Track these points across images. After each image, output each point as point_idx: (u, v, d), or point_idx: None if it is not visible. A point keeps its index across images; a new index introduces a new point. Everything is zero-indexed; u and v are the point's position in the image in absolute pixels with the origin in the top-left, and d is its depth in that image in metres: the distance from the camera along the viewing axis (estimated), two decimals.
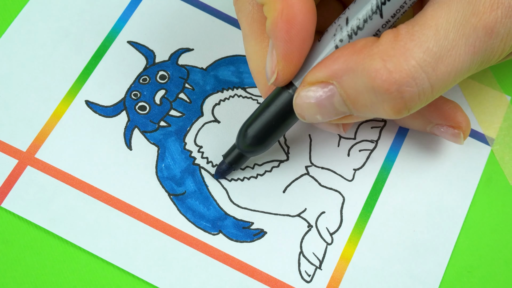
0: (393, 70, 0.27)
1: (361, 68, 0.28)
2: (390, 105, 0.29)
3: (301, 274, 0.36)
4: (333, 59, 0.29)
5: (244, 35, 0.34)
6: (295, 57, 0.30)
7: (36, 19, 0.41)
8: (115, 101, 0.39)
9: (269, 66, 0.31)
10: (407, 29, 0.28)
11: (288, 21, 0.29)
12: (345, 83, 0.29)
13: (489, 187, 0.39)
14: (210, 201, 0.37)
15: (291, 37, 0.30)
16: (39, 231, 0.36)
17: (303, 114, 0.31)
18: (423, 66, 0.27)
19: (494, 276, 0.37)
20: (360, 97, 0.29)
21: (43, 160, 0.38)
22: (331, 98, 0.30)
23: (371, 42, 0.28)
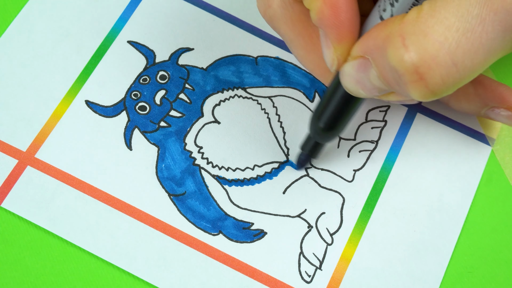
0: (412, 49, 0.26)
1: (385, 45, 0.27)
2: (412, 87, 0.27)
3: (301, 275, 0.36)
4: (369, 35, 0.29)
5: (290, 40, 0.34)
6: (349, 39, 0.30)
7: (36, 18, 0.40)
8: (115, 101, 0.39)
9: (327, 55, 0.31)
10: (430, 5, 0.26)
11: (333, 6, 0.29)
12: (376, 60, 0.28)
13: (490, 187, 0.39)
14: (210, 202, 0.37)
15: (340, 20, 0.29)
16: (39, 231, 0.36)
17: (349, 89, 0.31)
18: (444, 44, 0.26)
19: (495, 277, 0.37)
20: (389, 74, 0.28)
21: (43, 160, 0.37)
22: (367, 72, 0.29)
23: (399, 19, 0.27)
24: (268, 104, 0.40)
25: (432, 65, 0.26)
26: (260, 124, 0.39)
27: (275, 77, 0.40)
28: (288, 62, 0.41)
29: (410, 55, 0.26)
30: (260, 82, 0.40)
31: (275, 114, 0.39)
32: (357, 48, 0.30)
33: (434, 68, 0.26)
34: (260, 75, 0.40)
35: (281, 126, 0.39)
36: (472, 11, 0.26)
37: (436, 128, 0.40)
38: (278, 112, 0.40)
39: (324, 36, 0.30)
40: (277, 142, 0.39)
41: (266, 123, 0.39)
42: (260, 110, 0.39)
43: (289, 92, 0.40)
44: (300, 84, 0.40)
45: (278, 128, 0.39)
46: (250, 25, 0.41)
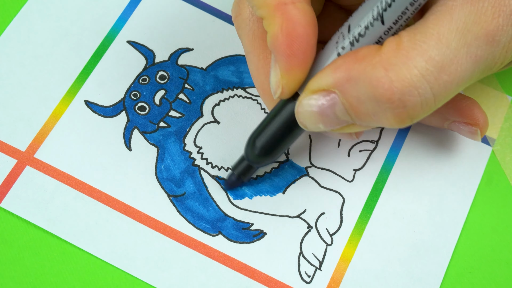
0: (395, 79, 0.27)
1: (363, 77, 0.28)
2: (392, 114, 0.28)
3: (301, 275, 0.36)
4: (335, 67, 0.29)
5: (247, 52, 0.34)
6: (298, 71, 0.30)
7: (35, 18, 0.40)
8: (114, 101, 0.39)
9: (274, 81, 0.31)
10: (409, 37, 0.28)
11: (288, 35, 0.29)
12: (347, 92, 0.29)
13: (490, 187, 0.39)
14: (209, 202, 0.37)
15: (292, 51, 0.29)
16: (38, 231, 0.36)
17: (305, 123, 0.31)
18: (425, 75, 0.27)
19: (495, 277, 0.37)
20: (362, 106, 0.28)
21: (42, 160, 0.37)
22: (333, 106, 0.29)
23: (374, 51, 0.28)
24: None
25: (415, 94, 0.27)
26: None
27: None
28: None
29: (395, 85, 0.27)
30: None
31: None
32: (321, 81, 0.29)
33: (416, 97, 0.27)
34: None
35: None
36: (450, 44, 0.27)
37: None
38: None
39: (274, 61, 0.30)
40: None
41: None
42: (260, 110, 0.39)
43: None
44: None
45: None
46: None
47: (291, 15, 0.29)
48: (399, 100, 0.27)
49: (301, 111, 0.31)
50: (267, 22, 0.30)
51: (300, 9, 0.29)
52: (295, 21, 0.29)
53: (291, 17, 0.29)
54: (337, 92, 0.29)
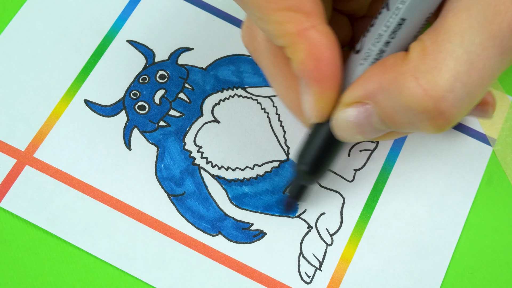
0: (428, 88, 0.26)
1: (394, 87, 0.27)
2: (430, 123, 0.28)
3: (301, 275, 0.36)
4: (366, 78, 0.29)
5: (269, 74, 0.33)
6: (331, 92, 0.30)
7: (35, 17, 0.40)
8: (114, 101, 0.39)
9: (308, 107, 0.30)
10: (432, 40, 0.27)
11: (316, 60, 0.28)
12: (381, 103, 0.28)
13: (491, 187, 0.39)
14: (209, 202, 0.37)
15: (323, 75, 0.29)
16: (37, 231, 0.36)
17: (343, 136, 0.31)
18: (457, 77, 0.26)
19: (495, 278, 0.37)
20: (398, 116, 0.28)
21: (41, 159, 0.37)
22: (369, 117, 0.29)
23: (401, 59, 0.28)
24: (268, 103, 0.40)
25: (450, 98, 0.27)
26: (260, 123, 0.39)
27: None
28: None
29: (429, 93, 0.26)
30: (260, 82, 0.40)
31: (275, 113, 0.39)
32: (354, 93, 0.29)
33: (452, 102, 0.27)
34: (260, 75, 0.40)
35: (281, 125, 0.39)
36: (474, 40, 0.26)
37: None
38: (278, 112, 0.39)
39: (305, 87, 0.30)
40: (277, 141, 0.39)
41: (266, 122, 0.39)
42: (260, 110, 0.39)
43: None
44: None
45: (278, 127, 0.39)
46: None
47: (315, 40, 0.28)
48: (435, 108, 0.27)
49: (337, 125, 0.30)
50: (290, 50, 0.29)
51: (321, 31, 0.28)
52: (320, 45, 0.28)
53: (315, 42, 0.28)
54: (371, 103, 0.29)
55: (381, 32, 0.28)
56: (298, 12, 0.28)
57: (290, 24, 0.28)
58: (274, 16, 0.28)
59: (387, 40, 0.28)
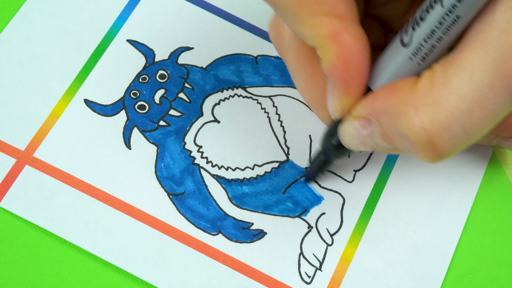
0: (426, 121, 0.27)
1: (395, 112, 0.28)
2: (422, 153, 0.28)
3: (301, 275, 0.36)
4: (375, 97, 0.29)
5: (292, 70, 0.34)
6: (356, 92, 0.30)
7: (35, 17, 0.40)
8: (114, 100, 0.39)
9: (332, 104, 0.31)
10: (442, 72, 0.27)
11: (346, 63, 0.29)
12: (383, 124, 0.29)
13: (491, 188, 0.39)
14: (209, 201, 0.37)
15: (351, 76, 0.29)
16: (37, 231, 0.36)
17: (348, 145, 0.32)
18: (456, 115, 0.26)
19: (496, 278, 0.37)
20: (396, 139, 0.29)
21: (41, 159, 0.37)
22: (371, 134, 0.30)
23: (410, 86, 0.28)
24: (268, 103, 0.40)
25: (445, 136, 0.27)
26: (260, 123, 0.39)
27: (275, 76, 0.40)
28: None
29: (425, 127, 0.27)
30: (260, 82, 0.40)
31: (275, 113, 0.39)
32: (360, 109, 0.30)
33: (446, 138, 0.27)
34: (260, 75, 0.40)
35: (281, 126, 0.39)
36: (484, 78, 0.26)
37: None
38: (278, 112, 0.39)
39: (331, 86, 0.31)
40: (277, 141, 0.39)
41: (266, 122, 0.39)
42: (260, 110, 0.39)
43: (289, 92, 0.40)
44: None
45: (278, 127, 0.39)
46: (250, 24, 0.41)
47: (346, 43, 0.28)
48: (429, 142, 0.27)
49: (343, 134, 0.32)
50: (321, 51, 0.29)
51: (353, 35, 0.29)
52: (350, 48, 0.29)
53: (346, 45, 0.28)
54: (374, 122, 0.29)
55: (434, 29, 0.28)
56: (332, 16, 0.28)
57: (323, 28, 0.28)
58: (308, 20, 0.28)
59: (440, 36, 0.28)
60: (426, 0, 0.28)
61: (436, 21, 0.28)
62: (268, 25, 0.35)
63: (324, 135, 0.34)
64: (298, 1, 0.28)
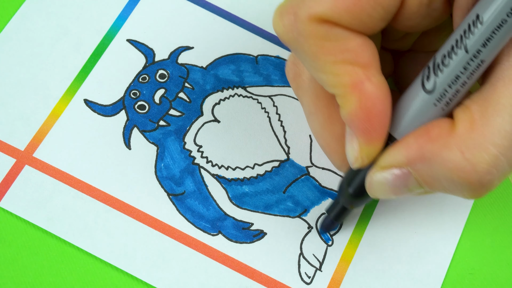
0: (474, 162, 0.27)
1: (439, 159, 0.27)
2: (469, 192, 0.28)
3: (301, 276, 0.36)
4: (407, 145, 0.29)
5: (309, 113, 0.33)
6: (377, 143, 0.30)
7: (35, 16, 0.40)
8: (114, 100, 0.39)
9: (351, 154, 0.31)
10: (481, 113, 0.27)
11: (368, 113, 0.28)
12: (421, 171, 0.28)
13: None
14: (209, 201, 0.37)
15: (373, 127, 0.29)
16: (37, 231, 0.36)
17: (376, 195, 0.31)
18: (503, 153, 0.27)
19: (496, 278, 0.37)
20: (437, 184, 0.28)
21: (41, 159, 0.37)
22: (405, 182, 0.29)
23: (447, 130, 0.28)
24: (268, 103, 0.39)
25: (493, 173, 0.27)
26: (260, 123, 0.39)
27: (276, 76, 0.40)
28: None
29: (475, 169, 0.27)
30: (261, 81, 0.40)
31: (275, 113, 0.39)
32: (391, 159, 0.29)
33: (495, 175, 0.27)
34: (260, 74, 0.40)
35: (282, 125, 0.39)
36: None
37: None
38: (279, 111, 0.39)
39: (351, 135, 0.30)
40: (278, 140, 0.39)
41: (266, 122, 0.39)
42: (260, 109, 0.39)
43: (290, 91, 0.40)
44: None
45: (279, 127, 0.39)
46: (251, 24, 0.41)
47: (369, 93, 0.28)
48: (478, 182, 0.27)
49: (372, 186, 0.31)
50: (342, 99, 0.29)
51: (376, 84, 0.28)
52: (373, 98, 0.28)
53: (368, 95, 0.28)
54: (410, 170, 0.29)
55: (459, 74, 0.28)
56: (355, 65, 0.28)
57: (346, 76, 0.28)
58: (330, 68, 0.28)
59: (465, 81, 0.28)
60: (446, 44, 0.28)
61: (461, 66, 0.27)
62: (286, 63, 0.34)
63: (341, 185, 0.33)
64: (321, 48, 0.28)
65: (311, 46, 0.28)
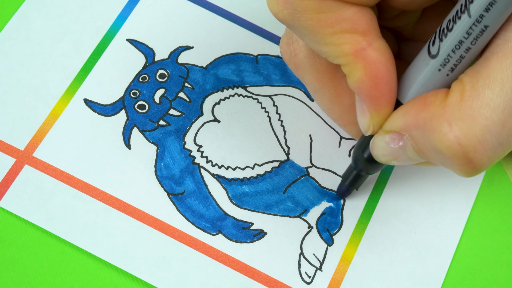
0: (460, 135, 0.26)
1: (428, 127, 0.27)
2: (458, 167, 0.28)
3: (301, 276, 0.36)
4: (406, 110, 0.29)
5: (314, 90, 0.33)
6: (386, 108, 0.30)
7: (34, 16, 0.40)
8: (114, 100, 0.39)
9: (363, 122, 0.31)
10: (472, 85, 0.26)
11: (374, 78, 0.29)
12: (415, 138, 0.28)
13: (492, 188, 0.39)
14: (209, 201, 0.37)
15: (380, 92, 0.29)
16: (37, 231, 0.36)
17: (380, 159, 0.31)
18: (490, 127, 0.26)
19: (496, 278, 0.37)
20: (430, 153, 0.28)
21: (41, 159, 0.37)
22: (403, 148, 0.29)
23: (440, 99, 0.27)
24: (269, 103, 0.39)
25: (481, 149, 0.26)
26: (260, 123, 0.39)
27: (276, 75, 0.40)
28: None
29: (460, 141, 0.26)
30: (261, 81, 0.40)
31: (275, 113, 0.39)
32: (391, 123, 0.30)
33: (482, 151, 0.26)
34: (260, 74, 0.40)
35: (282, 125, 0.39)
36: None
37: None
38: (279, 111, 0.39)
39: (360, 103, 0.30)
40: (278, 141, 0.39)
41: (266, 122, 0.39)
42: (261, 109, 0.39)
43: (290, 91, 0.40)
44: (301, 83, 0.40)
45: (279, 127, 0.39)
46: (251, 23, 0.41)
47: (372, 58, 0.28)
48: (465, 156, 0.27)
49: (375, 148, 0.31)
50: (347, 68, 0.29)
51: (378, 49, 0.28)
52: (377, 63, 0.28)
53: (372, 61, 0.28)
54: (407, 136, 0.29)
55: (462, 39, 0.27)
56: (354, 33, 0.28)
57: (347, 45, 0.28)
58: (330, 39, 0.28)
59: (468, 47, 0.28)
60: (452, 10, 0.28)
61: (464, 31, 0.27)
62: (280, 45, 0.34)
63: (355, 150, 0.34)
64: (318, 21, 0.28)
65: (308, 20, 0.28)
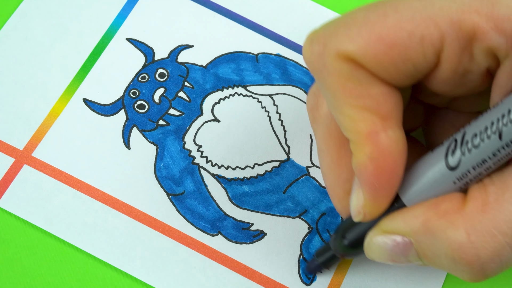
0: (478, 247, 0.25)
1: (443, 235, 0.26)
2: (468, 275, 0.27)
3: (301, 277, 0.36)
4: (412, 214, 0.27)
5: (319, 149, 0.32)
6: (384, 201, 0.28)
7: (34, 15, 0.40)
8: (113, 100, 0.39)
9: (355, 205, 0.29)
10: (497, 195, 0.26)
11: (378, 168, 0.27)
12: (423, 244, 0.27)
13: None
14: (209, 201, 0.37)
15: (381, 184, 0.27)
16: (35, 231, 0.36)
17: (373, 257, 0.30)
18: (509, 242, 0.25)
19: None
20: (437, 260, 0.27)
21: (40, 159, 0.37)
22: (405, 252, 0.28)
23: (457, 207, 0.26)
24: (269, 102, 0.39)
25: (497, 261, 0.26)
26: (260, 122, 0.39)
27: (276, 74, 0.40)
28: (289, 59, 0.40)
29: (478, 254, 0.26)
30: (261, 80, 0.40)
31: (275, 112, 0.39)
32: (394, 224, 0.28)
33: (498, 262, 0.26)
34: (260, 73, 0.40)
35: (282, 125, 0.39)
36: None
37: None
38: (279, 111, 0.39)
39: (357, 186, 0.29)
40: (278, 140, 0.39)
41: (266, 121, 0.39)
42: (261, 109, 0.39)
43: (290, 90, 0.40)
44: (301, 82, 0.40)
45: (279, 126, 0.39)
46: (251, 21, 0.41)
47: (382, 145, 0.27)
48: (480, 266, 0.26)
49: (371, 248, 0.30)
50: (355, 146, 0.27)
51: (391, 138, 0.27)
52: (386, 152, 0.27)
53: (382, 148, 0.27)
54: (412, 241, 0.28)
55: (487, 159, 0.26)
56: (374, 114, 0.26)
57: (362, 123, 0.27)
58: (348, 111, 0.27)
59: (490, 166, 0.26)
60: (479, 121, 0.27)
61: (490, 152, 0.26)
62: (308, 91, 0.33)
63: (337, 232, 0.32)
64: (343, 88, 0.26)
65: (333, 82, 0.26)
